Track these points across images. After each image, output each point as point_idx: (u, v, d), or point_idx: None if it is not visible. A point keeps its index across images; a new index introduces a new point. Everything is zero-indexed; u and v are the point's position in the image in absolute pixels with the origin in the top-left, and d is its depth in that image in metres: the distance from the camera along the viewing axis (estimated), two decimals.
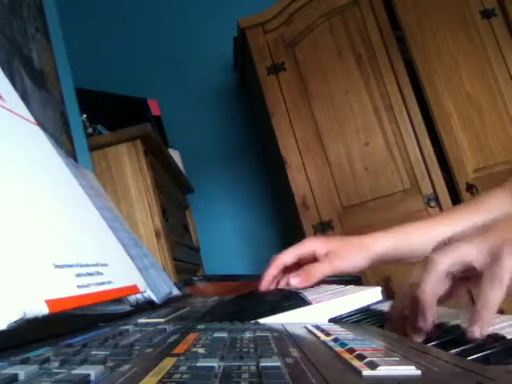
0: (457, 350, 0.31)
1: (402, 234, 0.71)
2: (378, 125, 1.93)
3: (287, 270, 0.72)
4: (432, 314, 0.35)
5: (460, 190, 1.84)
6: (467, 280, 0.38)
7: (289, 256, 0.71)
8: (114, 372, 0.20)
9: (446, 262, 0.36)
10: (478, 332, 0.32)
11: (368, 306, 0.54)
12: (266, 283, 0.70)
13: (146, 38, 2.51)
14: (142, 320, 0.45)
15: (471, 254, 0.35)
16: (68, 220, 0.39)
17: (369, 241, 0.71)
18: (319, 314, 0.48)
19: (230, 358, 0.23)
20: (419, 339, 0.36)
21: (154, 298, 0.62)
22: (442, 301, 0.38)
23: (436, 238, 0.69)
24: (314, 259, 0.70)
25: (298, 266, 0.71)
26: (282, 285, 0.71)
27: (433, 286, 0.35)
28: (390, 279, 1.75)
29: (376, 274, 1.76)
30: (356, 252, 0.69)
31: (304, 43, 2.01)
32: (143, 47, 2.50)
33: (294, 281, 0.66)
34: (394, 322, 0.39)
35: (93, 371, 0.20)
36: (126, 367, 0.21)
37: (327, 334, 0.31)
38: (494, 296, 0.33)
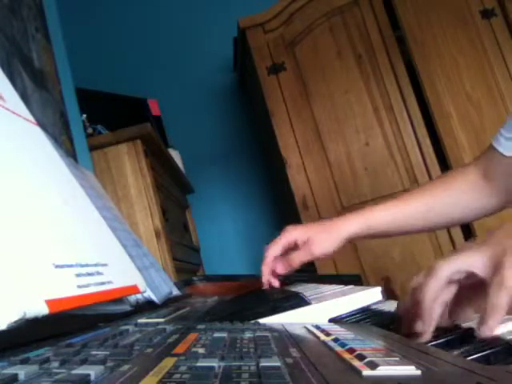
0: (457, 350, 0.31)
1: (372, 214, 0.79)
2: (377, 125, 1.92)
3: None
4: (431, 318, 0.37)
5: None
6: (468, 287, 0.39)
7: (277, 250, 0.80)
8: (113, 372, 0.20)
9: (448, 270, 0.37)
10: (486, 332, 0.34)
11: (368, 305, 0.54)
12: (267, 281, 0.79)
13: (146, 37, 2.50)
14: (141, 320, 0.45)
15: (474, 262, 0.37)
16: (68, 220, 0.39)
17: (341, 223, 0.80)
18: (319, 314, 0.48)
19: (230, 357, 0.23)
20: (424, 340, 0.37)
21: (153, 298, 0.62)
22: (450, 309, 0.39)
23: (402, 215, 0.74)
24: (296, 246, 0.80)
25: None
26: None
27: (433, 290, 0.37)
28: (390, 279, 1.75)
29: (376, 273, 1.76)
30: (330, 236, 0.78)
31: (304, 43, 2.01)
32: (143, 47, 2.50)
33: (279, 268, 0.78)
34: (401, 324, 0.41)
35: (93, 371, 0.20)
36: (125, 367, 0.21)
37: (327, 334, 0.31)
38: (501, 301, 0.35)
